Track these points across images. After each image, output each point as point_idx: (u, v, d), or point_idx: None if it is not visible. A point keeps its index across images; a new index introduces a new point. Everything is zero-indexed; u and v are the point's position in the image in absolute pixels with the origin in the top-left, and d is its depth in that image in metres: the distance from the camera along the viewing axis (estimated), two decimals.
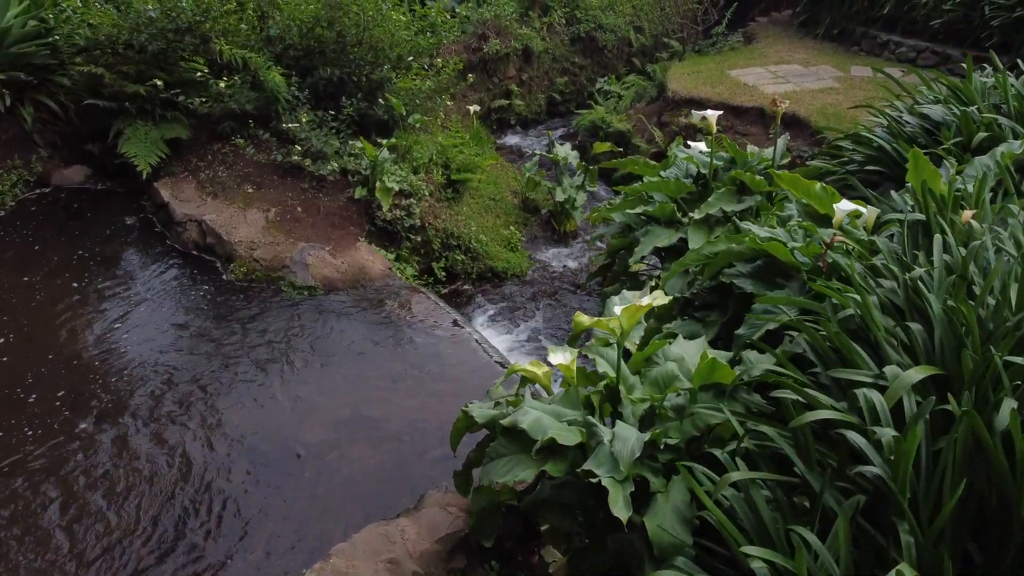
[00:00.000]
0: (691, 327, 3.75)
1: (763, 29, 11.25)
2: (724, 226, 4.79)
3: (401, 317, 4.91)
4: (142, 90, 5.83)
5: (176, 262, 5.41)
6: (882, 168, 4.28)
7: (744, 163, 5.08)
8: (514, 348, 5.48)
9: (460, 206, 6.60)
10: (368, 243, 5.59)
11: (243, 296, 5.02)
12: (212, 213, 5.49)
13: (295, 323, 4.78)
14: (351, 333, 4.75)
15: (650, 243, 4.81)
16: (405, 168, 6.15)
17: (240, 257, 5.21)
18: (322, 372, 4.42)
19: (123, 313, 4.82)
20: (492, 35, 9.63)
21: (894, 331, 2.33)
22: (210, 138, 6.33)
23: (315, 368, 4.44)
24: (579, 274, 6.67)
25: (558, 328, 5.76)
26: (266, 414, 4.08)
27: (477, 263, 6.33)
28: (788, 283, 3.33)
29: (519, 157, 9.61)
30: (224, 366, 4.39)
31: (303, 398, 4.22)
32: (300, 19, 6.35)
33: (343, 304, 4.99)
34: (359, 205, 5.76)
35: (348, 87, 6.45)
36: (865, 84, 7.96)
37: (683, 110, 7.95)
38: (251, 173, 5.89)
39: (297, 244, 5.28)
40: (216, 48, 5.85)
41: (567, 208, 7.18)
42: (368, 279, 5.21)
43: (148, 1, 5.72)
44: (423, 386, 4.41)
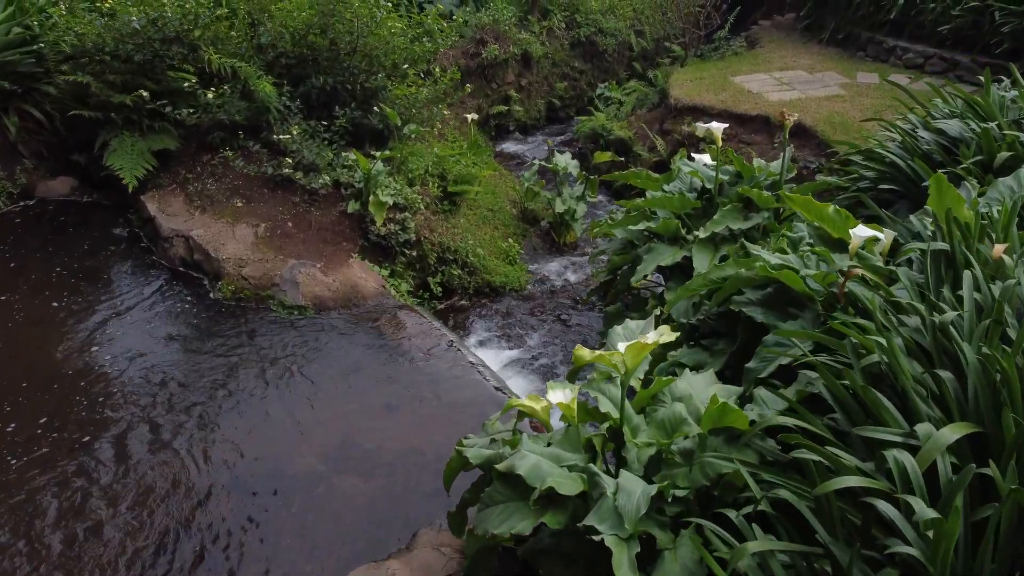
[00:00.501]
0: (697, 356, 3.57)
1: (766, 33, 11.07)
2: (730, 244, 4.61)
3: (394, 338, 4.73)
4: (128, 100, 5.64)
5: (162, 279, 5.22)
6: (896, 187, 4.09)
7: (751, 178, 4.90)
8: (512, 367, 5.30)
9: (457, 218, 6.42)
10: (361, 259, 5.41)
11: (231, 316, 4.84)
12: (200, 228, 5.31)
13: (284, 345, 4.60)
14: (342, 356, 4.56)
15: (653, 261, 4.63)
16: (400, 180, 5.97)
17: (228, 275, 5.03)
18: (312, 397, 4.23)
19: (105, 334, 4.63)
20: (490, 40, 9.45)
21: (922, 378, 2.15)
22: (199, 149, 6.14)
23: (304, 393, 4.25)
24: (579, 288, 6.49)
25: (557, 346, 5.57)
26: (253, 443, 3.90)
27: (474, 278, 6.14)
28: (801, 313, 3.15)
29: (518, 165, 9.43)
30: (209, 392, 4.20)
31: (292, 426, 4.04)
32: (292, 26, 6.17)
33: (334, 325, 4.81)
34: (352, 219, 5.58)
35: (342, 96, 6.26)
36: (872, 91, 7.78)
37: (685, 118, 7.77)
38: (241, 186, 5.70)
39: (287, 261, 5.09)
40: (205, 57, 5.66)
41: (567, 219, 7.00)
42: (361, 298, 5.02)
43: (132, 11, 5.53)
44: (417, 412, 4.23)
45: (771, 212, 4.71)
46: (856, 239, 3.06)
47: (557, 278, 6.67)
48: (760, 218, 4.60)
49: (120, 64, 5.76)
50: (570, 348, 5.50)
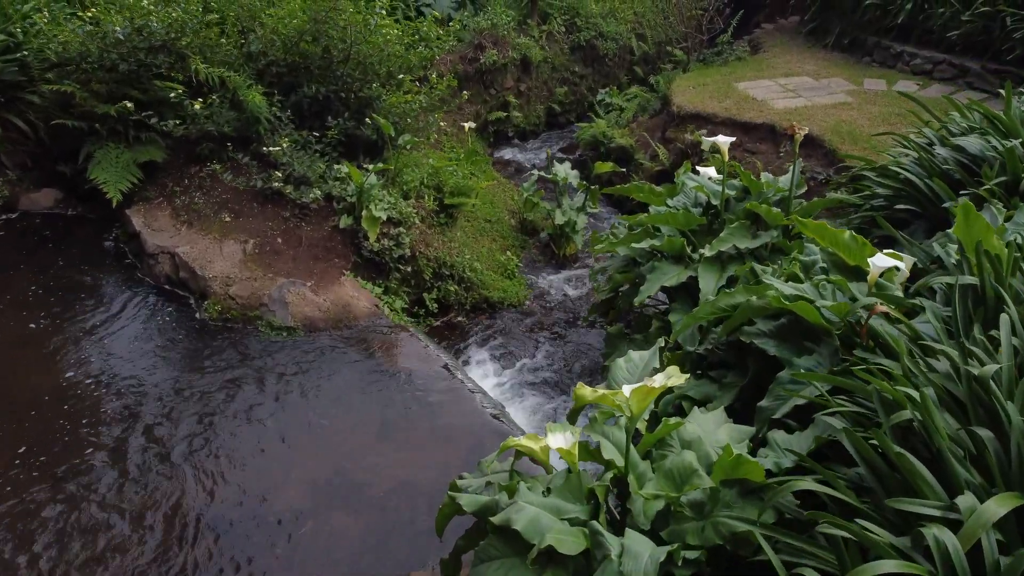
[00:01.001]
0: (705, 388, 3.38)
1: (769, 37, 10.87)
2: (737, 263, 4.42)
3: (387, 362, 4.53)
4: (112, 111, 5.44)
5: (147, 298, 5.03)
6: (912, 206, 3.90)
7: (758, 193, 4.71)
8: (510, 389, 5.12)
9: (454, 231, 6.23)
10: (354, 276, 5.21)
11: (216, 338, 4.64)
12: (186, 245, 5.11)
13: (271, 370, 4.40)
14: (333, 381, 4.37)
15: (657, 281, 4.44)
16: (395, 193, 5.77)
17: (215, 294, 4.83)
18: (300, 425, 4.04)
19: (87, 357, 4.44)
20: (489, 45, 9.25)
21: (958, 436, 1.96)
22: (187, 160, 5.94)
23: (293, 421, 4.06)
24: (579, 303, 6.30)
25: (557, 365, 5.38)
26: (238, 475, 3.70)
27: (471, 293, 5.96)
28: (817, 347, 2.96)
29: (517, 172, 9.23)
30: (193, 421, 4.01)
31: (279, 456, 3.84)
32: (284, 33, 5.97)
33: (325, 347, 4.61)
34: (344, 234, 5.38)
35: (335, 105, 6.07)
36: (880, 99, 7.58)
37: (688, 126, 7.58)
38: (229, 200, 5.51)
39: (276, 280, 4.90)
40: (192, 67, 5.46)
41: (567, 232, 6.81)
42: (353, 318, 4.83)
43: (116, 20, 5.33)
44: (410, 441, 4.04)
45: (780, 230, 4.52)
46: (875, 269, 2.87)
47: (557, 292, 6.48)
48: (769, 236, 4.42)
49: (105, 73, 5.57)
50: (570, 367, 5.32)
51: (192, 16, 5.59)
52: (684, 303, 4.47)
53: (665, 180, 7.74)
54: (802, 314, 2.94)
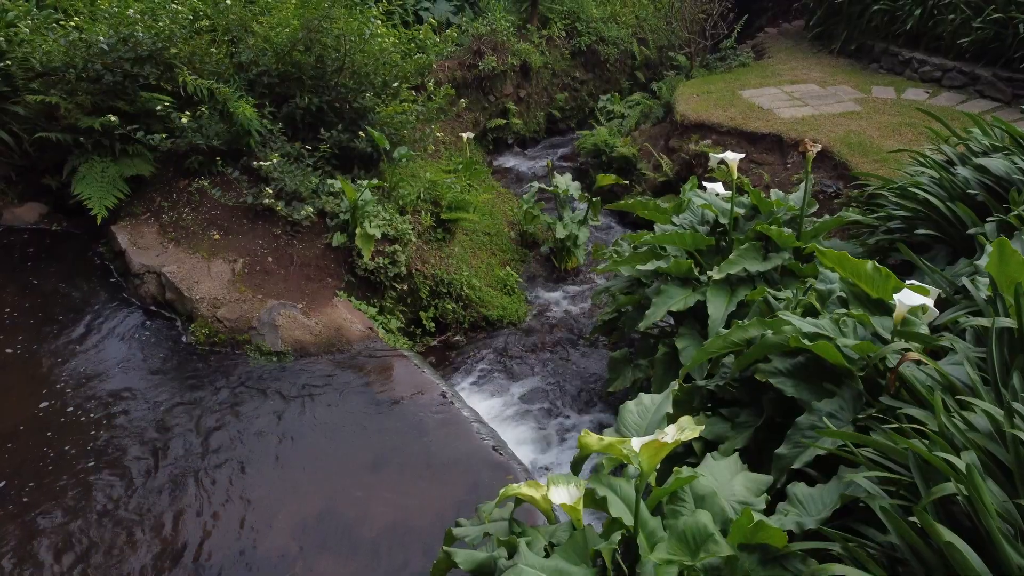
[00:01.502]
0: (717, 427, 3.19)
1: (774, 42, 10.68)
2: (747, 286, 4.23)
3: (381, 389, 4.34)
4: (97, 124, 5.24)
5: (131, 320, 4.83)
6: (933, 231, 3.70)
7: (768, 213, 4.52)
8: (509, 414, 4.92)
9: (451, 246, 6.03)
10: (347, 296, 5.02)
11: (203, 364, 4.45)
12: (173, 264, 4.92)
13: (259, 400, 4.20)
14: (323, 410, 4.17)
15: (663, 305, 4.25)
16: (390, 208, 5.58)
17: (202, 316, 4.64)
18: (287, 459, 3.84)
19: (66, 385, 4.24)
20: (488, 51, 9.05)
21: (1005, 509, 1.77)
22: (176, 174, 5.75)
23: (280, 454, 3.86)
24: (581, 320, 6.11)
25: (558, 389, 5.18)
26: (222, 514, 3.51)
27: (469, 311, 5.76)
28: (839, 389, 2.77)
29: (517, 180, 9.04)
30: (174, 454, 3.81)
31: (264, 493, 3.64)
32: (276, 42, 5.77)
33: (316, 374, 4.42)
34: (337, 253, 5.19)
35: (328, 117, 5.87)
36: (889, 107, 7.39)
37: (692, 136, 7.38)
38: (219, 216, 5.31)
39: (266, 301, 4.70)
40: (180, 79, 5.27)
41: (568, 245, 6.61)
42: (345, 342, 4.63)
43: (100, 30, 5.14)
44: (405, 477, 3.84)
45: (792, 251, 4.33)
46: (901, 307, 2.67)
47: (557, 309, 6.28)
48: (780, 259, 4.22)
49: (89, 84, 5.37)
50: (572, 390, 5.12)
51: (180, 25, 5.39)
52: (691, 328, 4.28)
53: (669, 191, 7.55)
54: (823, 355, 2.75)
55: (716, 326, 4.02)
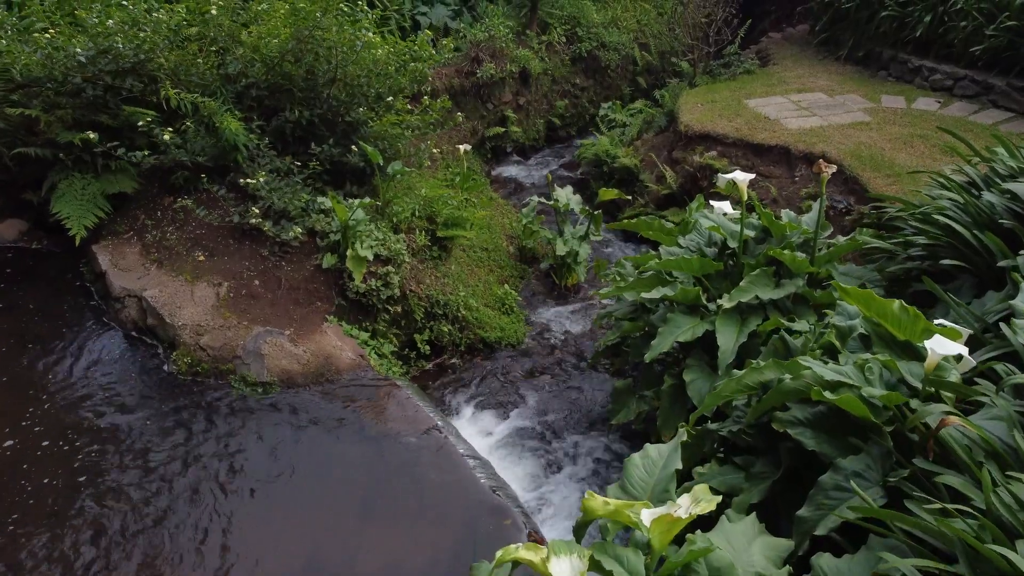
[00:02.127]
0: (731, 478, 2.96)
1: (778, 48, 10.46)
2: (758, 314, 4.01)
3: (372, 423, 4.11)
4: (76, 140, 5.02)
5: (111, 347, 4.60)
6: (957, 260, 3.47)
7: (781, 236, 4.29)
8: (507, 444, 4.70)
9: (448, 264, 5.81)
10: (337, 321, 4.79)
11: (183, 395, 4.22)
12: (155, 288, 4.69)
13: (241, 435, 3.98)
14: (309, 447, 3.94)
15: (670, 335, 4.02)
16: (383, 227, 5.35)
17: (184, 344, 4.41)
18: (271, 501, 3.62)
19: (36, 420, 4.01)
20: (486, 58, 8.83)
21: None
22: (161, 190, 5.52)
23: (262, 498, 3.63)
24: (582, 341, 5.88)
25: (559, 416, 4.95)
26: (198, 564, 3.28)
27: (466, 333, 5.54)
28: (865, 444, 2.54)
29: (516, 190, 8.82)
30: (149, 497, 3.58)
31: (244, 540, 3.41)
32: (265, 53, 5.54)
33: (303, 406, 4.19)
34: (328, 275, 4.96)
35: (319, 130, 5.64)
36: (899, 118, 7.17)
37: (697, 147, 7.15)
38: (204, 235, 5.08)
39: (252, 328, 4.47)
40: (162, 93, 5.04)
41: (569, 262, 6.38)
42: (335, 371, 4.41)
43: (77, 42, 4.91)
44: (396, 521, 3.61)
45: (805, 277, 4.11)
46: (934, 355, 2.45)
47: (558, 329, 6.06)
48: (794, 285, 4.00)
49: (69, 98, 5.14)
50: (573, 420, 4.90)
51: (163, 36, 5.16)
52: (700, 359, 4.06)
53: (672, 204, 7.33)
54: (847, 409, 2.52)
55: (726, 358, 3.80)
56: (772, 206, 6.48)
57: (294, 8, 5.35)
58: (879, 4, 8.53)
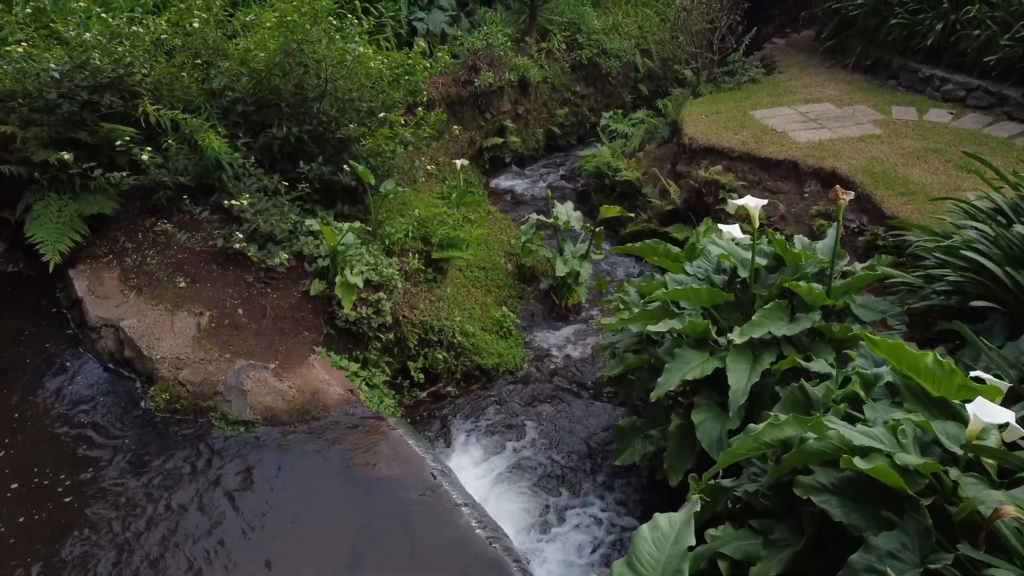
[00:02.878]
0: (747, 545, 2.71)
1: (783, 54, 10.22)
2: (772, 350, 3.76)
3: (361, 466, 3.86)
4: (53, 159, 4.77)
5: (86, 381, 4.36)
6: (988, 299, 3.23)
7: (795, 266, 4.04)
8: (505, 481, 4.45)
9: (443, 286, 5.56)
10: (326, 351, 4.54)
11: (160, 435, 3.97)
12: (133, 317, 4.44)
13: (221, 477, 3.73)
14: (294, 492, 3.69)
15: (677, 372, 3.77)
16: (375, 249, 5.10)
17: (163, 379, 4.16)
18: (251, 554, 3.37)
19: (4, 460, 3.77)
20: (484, 66, 8.58)
21: None
22: (143, 210, 5.27)
23: (242, 549, 3.39)
24: (583, 366, 5.64)
25: (560, 450, 4.71)
26: None
27: (462, 360, 5.29)
28: (899, 519, 2.29)
29: (515, 204, 8.57)
30: (117, 546, 3.33)
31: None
32: (252, 66, 5.29)
33: (287, 447, 3.94)
34: (316, 302, 4.71)
35: (309, 147, 5.40)
36: (911, 130, 6.92)
37: (702, 161, 6.91)
38: (186, 260, 4.84)
39: (234, 362, 4.23)
40: (141, 109, 4.79)
41: (569, 282, 6.14)
42: (322, 408, 4.16)
43: (53, 57, 4.66)
44: (386, 575, 3.37)
45: (822, 311, 3.87)
46: (977, 422, 2.20)
47: (558, 353, 5.81)
48: (809, 320, 3.75)
49: (44, 115, 4.89)
50: (575, 456, 4.65)
51: (143, 50, 4.92)
52: (709, 398, 3.81)
53: (677, 220, 7.09)
54: (881, 479, 2.28)
55: (737, 399, 3.56)
56: (780, 223, 6.25)
57: (282, 20, 5.11)
58: (888, 11, 8.29)
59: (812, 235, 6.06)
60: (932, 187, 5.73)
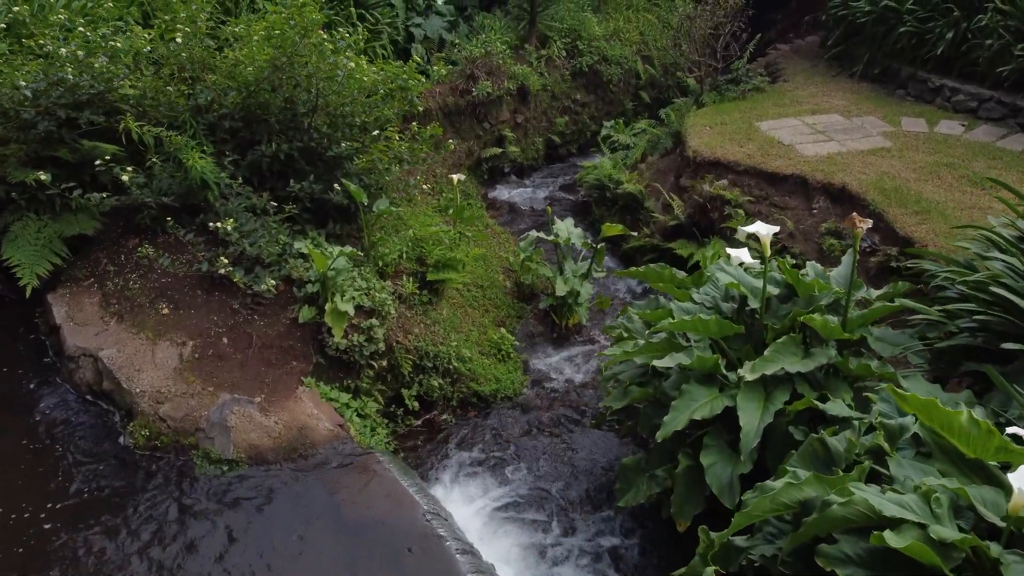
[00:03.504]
0: None
1: (788, 62, 10.00)
2: (786, 388, 3.56)
3: (351, 509, 3.65)
4: (29, 179, 4.56)
5: (62, 415, 4.15)
6: (1018, 339, 3.02)
7: (808, 297, 3.83)
8: (503, 519, 4.24)
9: (439, 309, 5.35)
10: (315, 382, 4.33)
11: (139, 475, 3.76)
12: (113, 347, 4.23)
13: (202, 522, 3.52)
14: (280, 539, 3.48)
15: (684, 411, 3.57)
16: (368, 271, 4.90)
17: (143, 413, 3.96)
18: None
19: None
20: (482, 75, 8.37)
21: None
22: (126, 231, 5.06)
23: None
24: (584, 392, 5.43)
25: (560, 484, 4.50)
26: None
27: (458, 386, 5.10)
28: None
29: (514, 216, 8.36)
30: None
31: None
32: (240, 80, 5.08)
33: (273, 489, 3.73)
34: (305, 330, 4.50)
35: (299, 164, 5.18)
36: (922, 143, 6.72)
37: (706, 175, 6.70)
38: (169, 285, 4.63)
39: (218, 396, 4.02)
40: (122, 126, 4.59)
41: (570, 302, 5.92)
42: (310, 444, 3.95)
43: (25, 74, 4.45)
44: None
45: (837, 345, 3.66)
46: (1021, 496, 1.99)
47: (558, 377, 5.60)
48: (825, 356, 3.55)
49: (20, 133, 4.68)
50: (576, 493, 4.45)
51: (123, 65, 4.71)
52: (719, 438, 3.61)
53: (680, 236, 6.87)
54: (916, 557, 2.07)
55: (749, 442, 3.36)
56: (788, 240, 6.04)
57: (270, 34, 4.90)
58: (897, 19, 8.08)
59: (821, 253, 5.86)
60: (947, 205, 5.52)
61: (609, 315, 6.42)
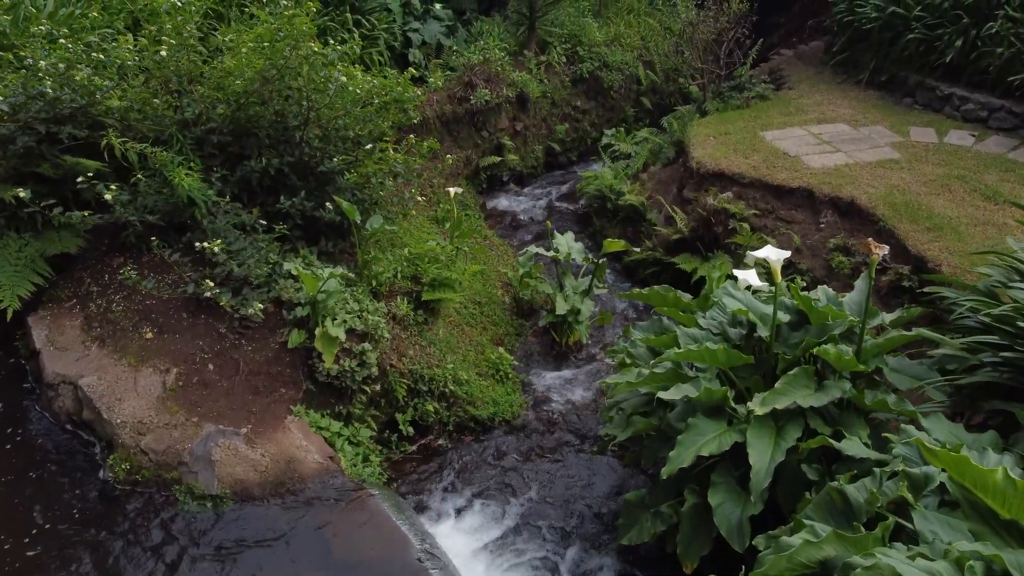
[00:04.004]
0: None
1: (792, 68, 9.82)
2: (798, 423, 3.38)
3: (341, 549, 3.47)
4: (7, 196, 4.38)
5: (39, 445, 3.97)
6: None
7: (820, 325, 3.66)
8: (498, 555, 4.06)
9: (435, 329, 5.17)
10: (305, 410, 4.16)
11: (117, 512, 3.59)
12: (93, 374, 4.06)
13: (182, 564, 3.34)
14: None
15: (691, 447, 3.40)
16: (361, 291, 4.72)
17: (123, 446, 3.78)
18: None
19: None
20: (480, 82, 8.19)
21: None
22: (111, 248, 4.89)
23: None
24: (585, 414, 5.26)
25: (560, 515, 4.33)
26: None
27: (455, 410, 4.92)
28: None
29: (513, 227, 8.19)
30: None
31: None
32: (229, 92, 4.90)
33: (259, 527, 3.55)
34: (294, 355, 4.33)
35: (290, 180, 5.01)
36: (932, 154, 6.54)
37: (710, 188, 6.52)
38: (154, 307, 4.45)
39: (202, 427, 3.84)
40: (104, 142, 4.41)
41: (570, 320, 5.75)
42: (298, 479, 3.77)
43: (1, 87, 4.28)
44: None
45: (851, 378, 3.49)
46: None
47: (558, 398, 5.43)
48: (839, 389, 3.37)
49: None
50: (576, 526, 4.26)
51: (106, 78, 4.54)
52: (727, 475, 3.44)
53: (684, 250, 6.68)
54: None
55: (760, 482, 3.19)
56: (796, 256, 5.86)
57: (259, 45, 4.72)
58: (904, 25, 7.90)
59: (830, 270, 5.68)
60: (959, 221, 5.35)
61: (610, 331, 6.25)
